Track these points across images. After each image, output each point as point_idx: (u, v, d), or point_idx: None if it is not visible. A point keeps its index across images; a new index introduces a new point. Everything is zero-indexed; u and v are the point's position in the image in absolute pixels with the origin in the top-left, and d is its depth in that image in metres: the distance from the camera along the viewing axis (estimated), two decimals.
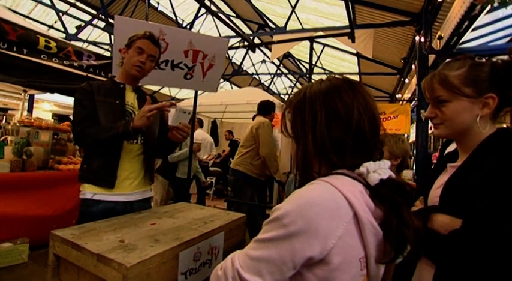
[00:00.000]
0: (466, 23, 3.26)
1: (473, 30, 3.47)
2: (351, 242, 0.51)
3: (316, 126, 0.59)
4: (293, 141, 0.65)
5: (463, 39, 3.68)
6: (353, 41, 3.82)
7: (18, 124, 3.20)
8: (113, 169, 1.30)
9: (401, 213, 0.54)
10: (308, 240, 0.49)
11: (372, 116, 0.60)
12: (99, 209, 1.26)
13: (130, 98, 1.42)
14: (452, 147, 0.95)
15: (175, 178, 3.38)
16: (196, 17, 6.94)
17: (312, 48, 3.75)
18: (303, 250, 0.49)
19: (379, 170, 0.57)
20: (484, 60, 0.76)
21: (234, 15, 8.45)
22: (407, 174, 3.82)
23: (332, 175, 0.56)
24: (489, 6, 2.77)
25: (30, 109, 5.55)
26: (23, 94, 4.40)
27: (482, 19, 3.24)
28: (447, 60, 0.83)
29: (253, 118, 4.40)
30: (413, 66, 5.69)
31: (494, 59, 0.76)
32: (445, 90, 0.77)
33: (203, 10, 6.94)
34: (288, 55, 9.65)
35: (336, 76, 0.66)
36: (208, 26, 8.75)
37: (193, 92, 3.33)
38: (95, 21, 6.91)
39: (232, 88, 12.68)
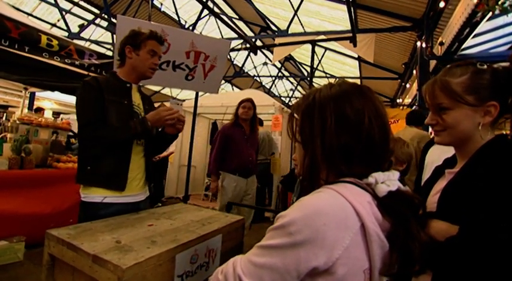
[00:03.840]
0: (467, 30, 3.28)
1: (474, 36, 3.49)
2: (357, 253, 0.50)
3: (325, 133, 0.57)
4: (300, 146, 0.63)
5: (464, 46, 3.71)
6: (355, 45, 3.84)
7: (18, 121, 3.19)
8: (124, 171, 1.28)
9: (409, 226, 0.53)
10: (314, 250, 0.48)
11: (382, 123, 0.58)
12: (111, 212, 1.21)
13: (136, 98, 1.40)
14: (440, 151, 0.93)
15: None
16: (199, 18, 6.98)
17: (313, 52, 3.77)
18: (308, 259, 0.48)
19: (387, 181, 0.56)
20: (485, 66, 0.75)
21: (237, 17, 8.48)
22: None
23: (340, 183, 0.55)
24: (490, 14, 2.78)
25: (30, 107, 5.55)
26: (23, 92, 4.39)
27: (483, 26, 3.26)
28: (448, 65, 0.82)
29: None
30: (414, 72, 5.70)
31: (495, 66, 0.75)
32: (446, 98, 0.76)
33: (206, 11, 6.98)
34: (289, 58, 9.69)
35: (346, 81, 0.64)
36: (210, 28, 8.77)
37: (194, 93, 3.34)
38: (97, 21, 6.95)
39: (233, 90, 12.70)
